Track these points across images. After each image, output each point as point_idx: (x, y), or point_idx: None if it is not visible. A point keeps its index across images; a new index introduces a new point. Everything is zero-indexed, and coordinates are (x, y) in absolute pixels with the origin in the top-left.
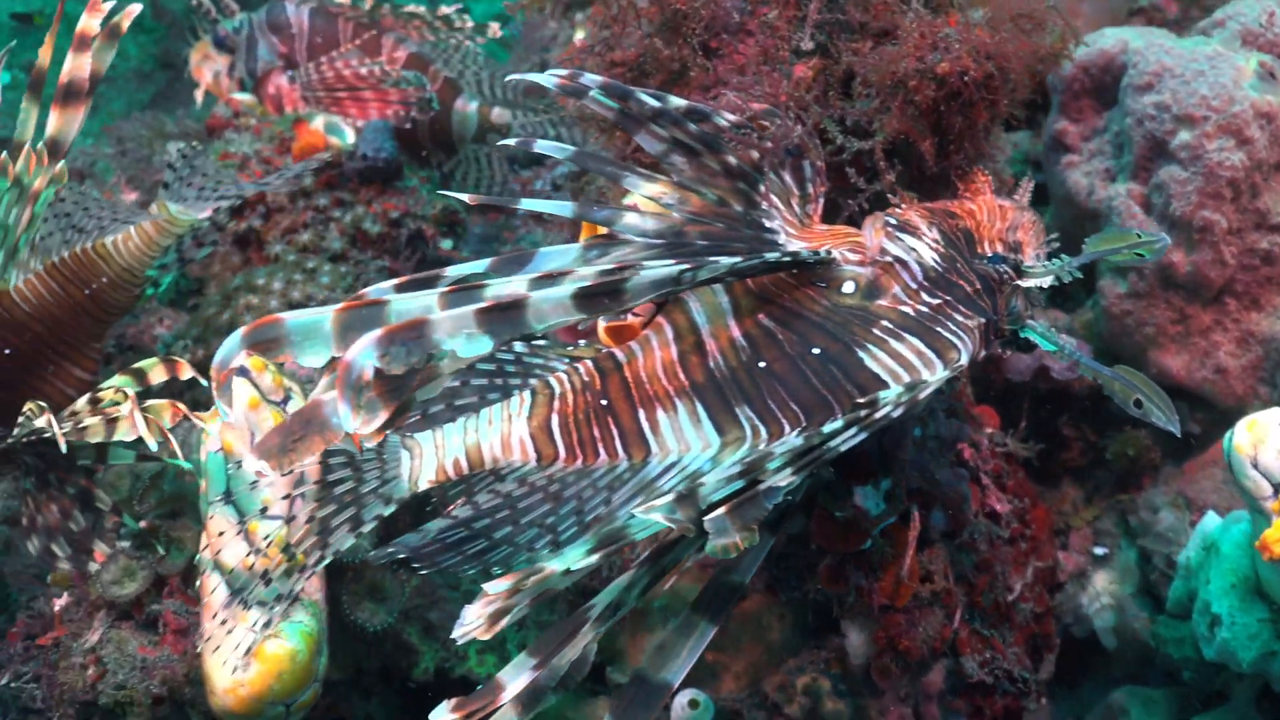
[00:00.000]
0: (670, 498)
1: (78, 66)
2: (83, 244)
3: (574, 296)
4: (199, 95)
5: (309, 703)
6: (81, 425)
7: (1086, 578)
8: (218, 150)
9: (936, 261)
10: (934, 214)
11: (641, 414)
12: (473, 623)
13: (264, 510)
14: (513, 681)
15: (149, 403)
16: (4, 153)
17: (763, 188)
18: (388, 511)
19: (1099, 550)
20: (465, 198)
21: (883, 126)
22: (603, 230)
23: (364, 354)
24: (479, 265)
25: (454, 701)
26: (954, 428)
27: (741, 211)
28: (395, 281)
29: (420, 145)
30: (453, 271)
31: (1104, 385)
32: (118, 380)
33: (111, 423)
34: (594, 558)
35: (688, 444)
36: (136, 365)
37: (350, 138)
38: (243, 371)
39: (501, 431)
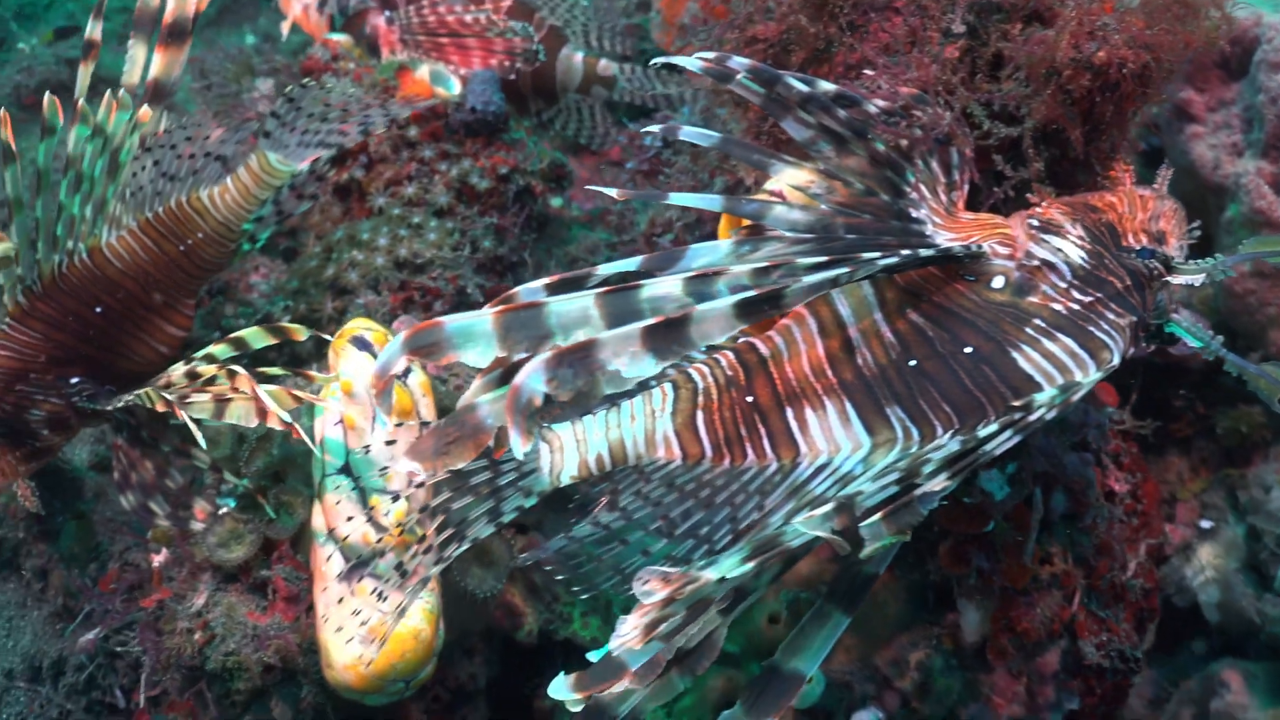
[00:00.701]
0: (829, 507)
1: (182, 4)
2: (177, 197)
3: (735, 308)
4: (285, 27)
5: (427, 679)
6: (188, 401)
7: (1191, 550)
8: (318, 97)
9: (1084, 259)
10: (1075, 209)
11: (789, 412)
12: (629, 633)
13: (384, 486)
14: (635, 662)
15: (267, 389)
16: (81, 99)
17: (910, 176)
18: (529, 504)
19: (1205, 524)
20: (614, 193)
21: (1031, 113)
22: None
23: (533, 378)
24: (630, 263)
25: (574, 678)
26: (1081, 412)
27: (889, 201)
28: (545, 281)
29: (521, 94)
30: (604, 270)
31: (1249, 381)
32: (217, 350)
33: (223, 403)
34: (749, 565)
35: (837, 445)
36: (237, 335)
37: (457, 88)
38: (364, 345)
39: (645, 428)
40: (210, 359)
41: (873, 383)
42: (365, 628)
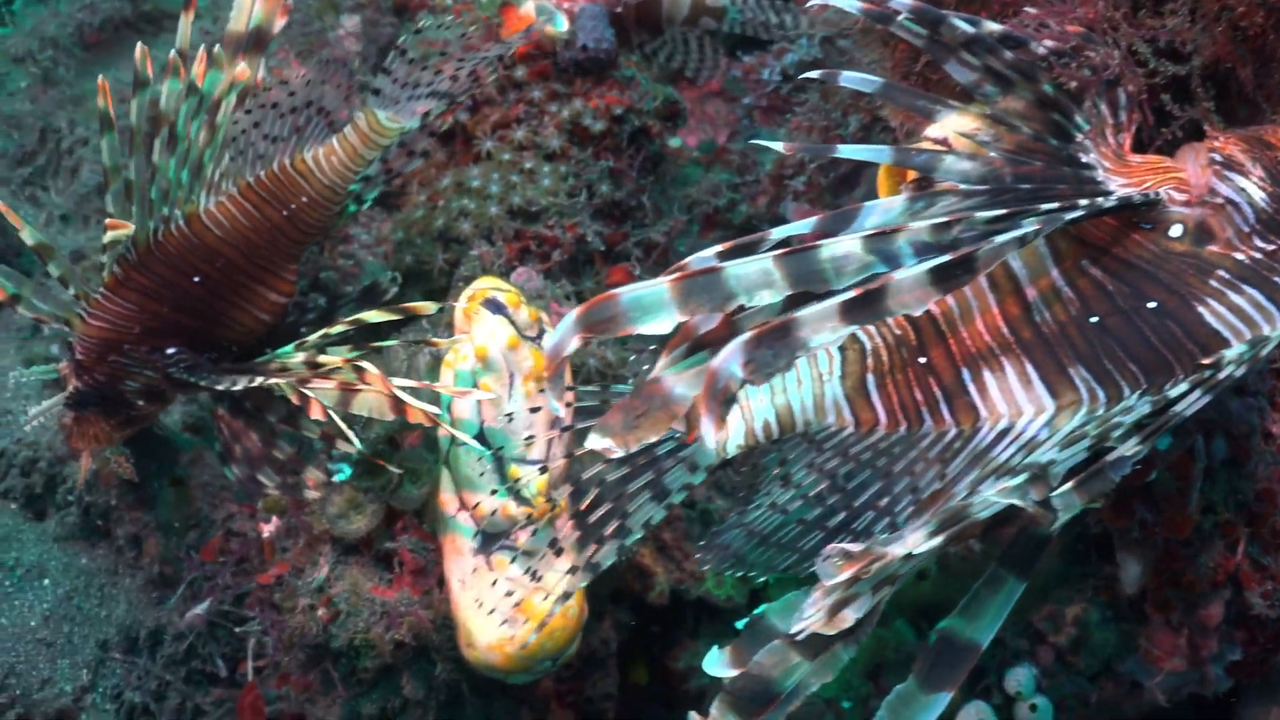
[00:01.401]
0: (1023, 477)
1: None
2: (280, 159)
3: (931, 275)
4: None
5: (572, 655)
6: (311, 386)
7: None
8: (428, 42)
9: (1266, 201)
10: (1253, 146)
11: (966, 374)
12: (812, 616)
13: (525, 456)
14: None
15: (401, 382)
16: (174, 51)
17: (1079, 119)
18: (697, 480)
19: None
20: (780, 147)
21: (1199, 50)
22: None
23: (730, 362)
24: (803, 226)
25: (730, 652)
26: None
27: (1058, 146)
28: (717, 249)
29: (624, 27)
30: (776, 234)
31: None
32: (335, 331)
33: (351, 393)
34: (937, 540)
35: (1019, 408)
36: (357, 315)
37: (565, 25)
38: (498, 307)
39: (814, 392)
40: (326, 339)
41: (1053, 341)
42: (510, 605)
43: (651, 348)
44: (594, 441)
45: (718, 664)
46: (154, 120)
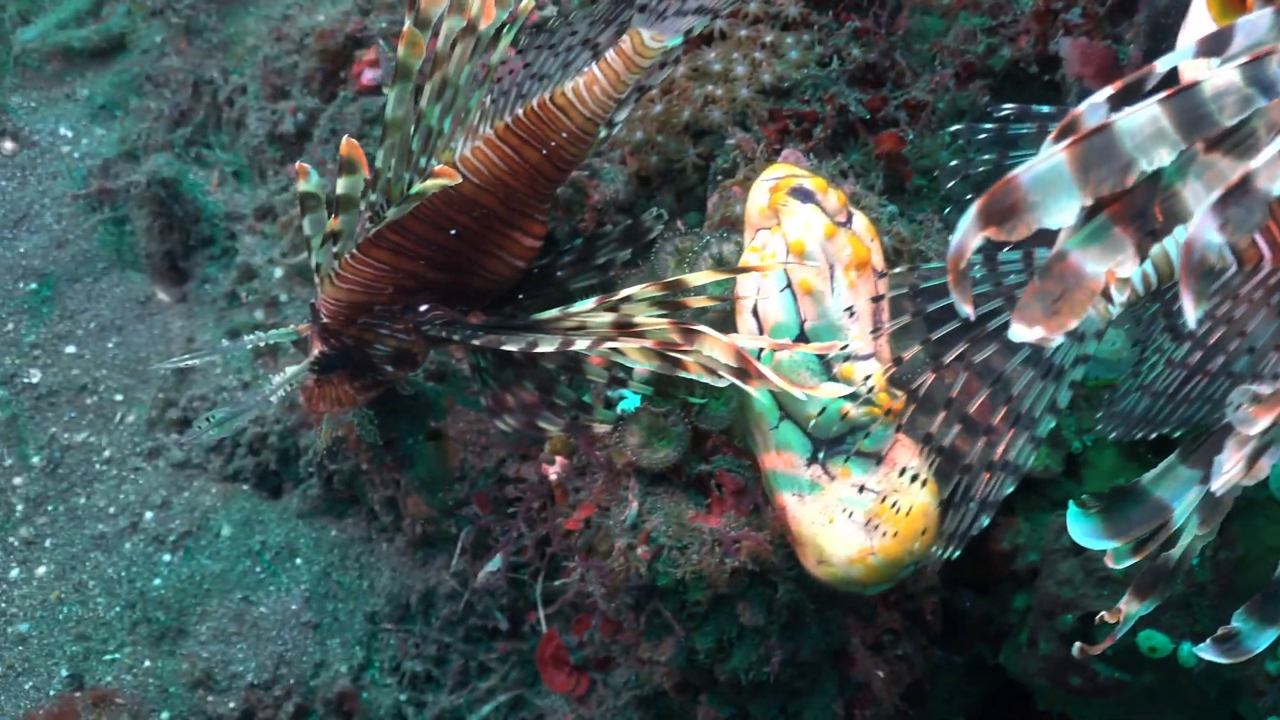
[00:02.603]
0: None
1: None
2: (540, 96)
3: None
4: None
5: (934, 559)
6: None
7: None
8: None
9: None
10: None
11: None
12: (1232, 468)
13: (855, 352)
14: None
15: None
16: None
17: None
18: (1091, 349)
19: None
20: None
21: None
22: None
23: (1205, 230)
24: (1182, 55)
25: (1103, 522)
26: None
27: None
28: (1107, 92)
29: None
30: (1161, 65)
31: None
32: (637, 293)
33: (670, 362)
34: None
35: None
36: (674, 278)
37: None
38: (807, 195)
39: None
40: (628, 301)
41: None
42: (862, 514)
43: None
44: (1018, 333)
45: (1090, 533)
46: (434, 62)
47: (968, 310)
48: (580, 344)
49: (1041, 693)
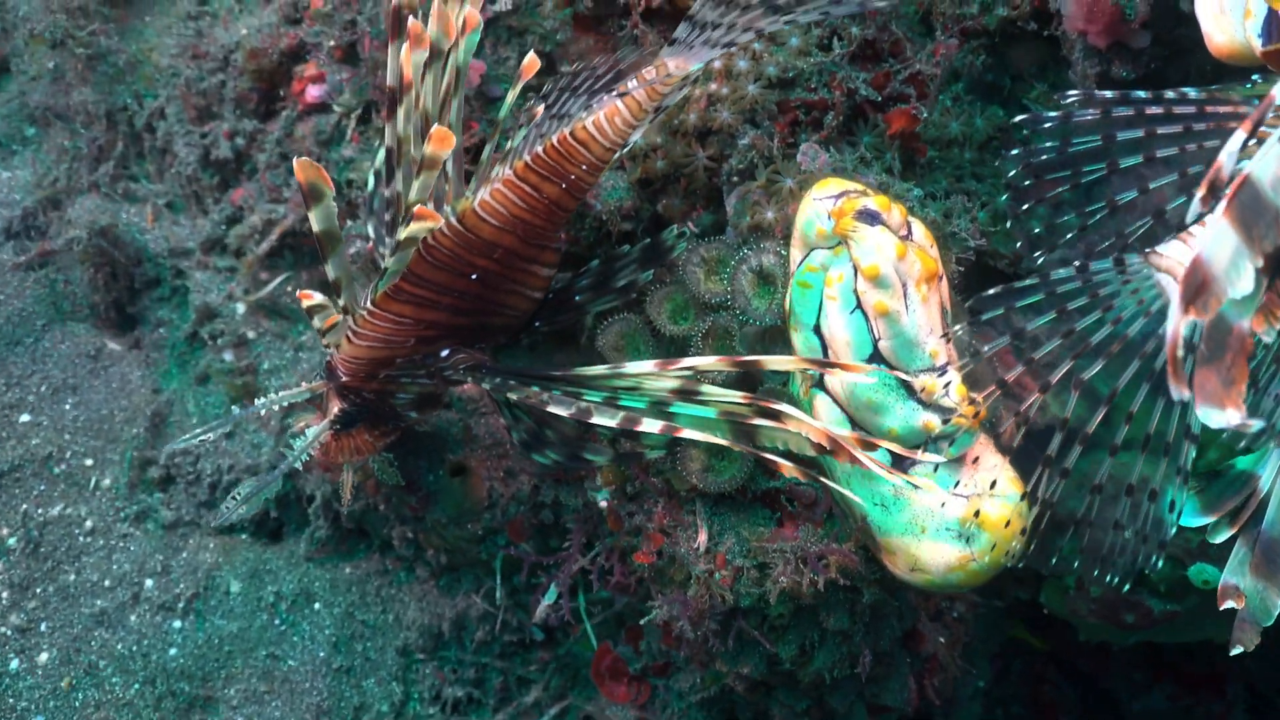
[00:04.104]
0: None
1: None
2: (559, 132)
3: None
4: None
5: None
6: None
7: None
8: None
9: None
10: None
11: None
12: None
13: (932, 364)
14: None
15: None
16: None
17: None
18: None
19: None
20: None
21: None
22: None
23: None
24: None
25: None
26: None
27: None
28: (1238, 139)
29: None
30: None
31: None
32: (706, 364)
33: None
34: None
35: None
36: (770, 359)
37: None
38: (874, 217)
39: None
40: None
41: None
42: (956, 521)
43: None
44: (1212, 419)
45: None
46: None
47: (1182, 393)
48: (649, 424)
49: (1086, 628)
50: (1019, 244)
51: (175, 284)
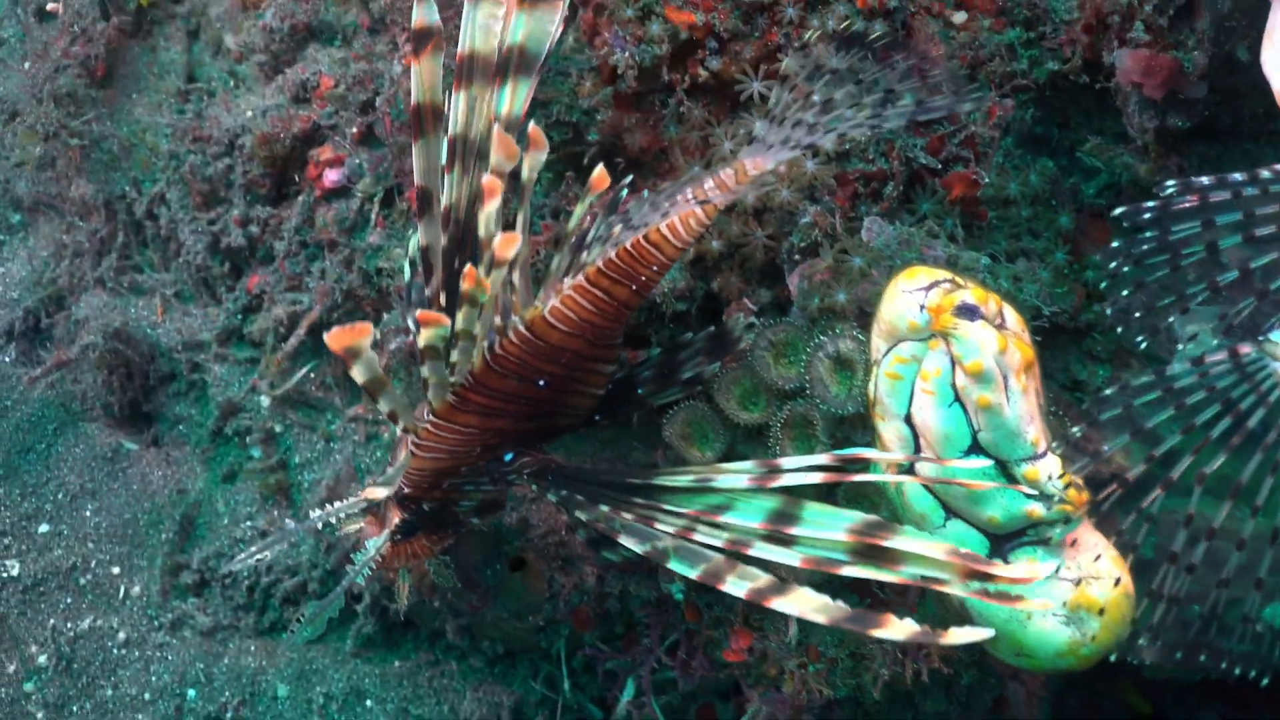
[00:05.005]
0: None
1: None
2: (633, 237)
3: None
4: None
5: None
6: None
7: None
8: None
9: None
10: None
11: None
12: None
13: (1033, 453)
14: None
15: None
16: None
17: None
18: None
19: None
20: None
21: None
22: None
23: None
24: None
25: None
26: None
27: None
28: None
29: None
30: None
31: None
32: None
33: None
34: None
35: None
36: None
37: None
38: (973, 312)
39: None
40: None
41: None
42: (1063, 606)
43: None
44: None
45: None
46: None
47: None
48: (734, 585)
49: (1154, 670)
50: (1119, 329)
51: (191, 378)
